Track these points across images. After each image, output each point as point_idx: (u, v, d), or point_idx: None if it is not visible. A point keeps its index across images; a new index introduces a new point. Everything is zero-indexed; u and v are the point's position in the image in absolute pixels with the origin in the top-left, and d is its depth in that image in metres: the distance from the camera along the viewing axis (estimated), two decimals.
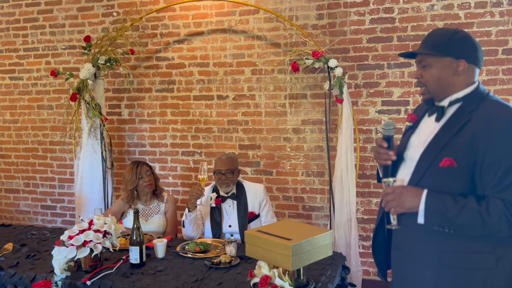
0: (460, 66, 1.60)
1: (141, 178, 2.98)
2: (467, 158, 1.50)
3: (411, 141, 1.72)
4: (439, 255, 1.56)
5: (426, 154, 1.61)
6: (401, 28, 3.35)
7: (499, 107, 1.53)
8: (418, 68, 1.68)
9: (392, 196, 1.62)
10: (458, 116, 1.58)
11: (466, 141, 1.50)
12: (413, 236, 1.63)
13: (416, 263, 1.63)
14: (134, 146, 4.11)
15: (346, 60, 3.49)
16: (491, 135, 1.46)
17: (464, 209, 1.48)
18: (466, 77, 1.62)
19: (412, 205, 1.57)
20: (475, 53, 1.62)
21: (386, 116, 3.45)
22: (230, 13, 3.71)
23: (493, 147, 1.46)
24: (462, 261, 1.53)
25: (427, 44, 1.65)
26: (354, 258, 3.21)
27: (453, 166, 1.52)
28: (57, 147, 4.30)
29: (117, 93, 4.10)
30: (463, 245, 1.53)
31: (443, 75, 1.62)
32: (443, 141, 1.57)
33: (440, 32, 1.65)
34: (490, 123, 1.48)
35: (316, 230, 2.03)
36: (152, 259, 2.44)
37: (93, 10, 4.05)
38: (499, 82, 3.20)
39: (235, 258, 2.38)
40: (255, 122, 3.75)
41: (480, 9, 3.18)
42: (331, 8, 3.49)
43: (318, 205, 3.67)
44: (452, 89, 1.62)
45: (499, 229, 1.46)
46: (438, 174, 1.55)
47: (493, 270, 1.51)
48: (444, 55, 1.61)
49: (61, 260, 2.12)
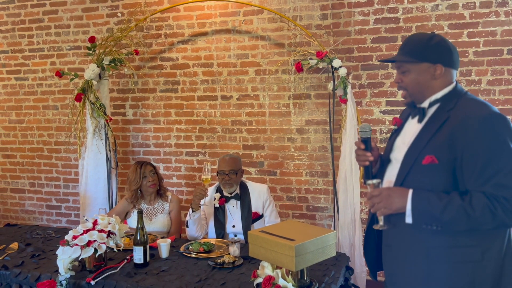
0: (437, 70, 1.67)
1: (144, 177, 2.99)
2: (447, 154, 1.56)
3: (396, 143, 1.79)
4: (427, 251, 1.62)
5: (409, 153, 1.68)
6: (406, 28, 3.34)
7: (475, 105, 1.60)
8: (398, 74, 1.75)
9: (379, 199, 1.66)
10: (437, 115, 1.66)
11: (446, 138, 1.57)
12: (402, 234, 1.69)
13: (405, 260, 1.69)
14: (138, 146, 4.12)
15: (350, 60, 3.48)
16: (468, 131, 1.53)
17: (448, 206, 1.53)
18: (444, 80, 1.68)
19: (399, 206, 1.63)
20: (450, 56, 1.68)
21: (390, 116, 3.44)
22: (234, 13, 3.71)
23: (470, 143, 1.52)
24: (449, 255, 1.58)
25: (405, 50, 1.71)
26: (358, 258, 3.20)
27: (435, 163, 1.58)
28: (62, 147, 4.32)
29: (122, 93, 4.12)
30: (450, 240, 1.58)
31: (422, 80, 1.68)
32: (425, 140, 1.63)
33: (416, 38, 1.72)
34: (466, 120, 1.55)
35: (319, 231, 2.03)
36: (156, 259, 2.45)
37: (98, 11, 4.07)
38: (505, 82, 3.18)
39: (238, 259, 2.38)
40: (259, 123, 3.75)
41: (485, 9, 3.16)
42: (335, 8, 3.48)
43: (322, 206, 3.66)
44: (430, 91, 1.69)
45: (483, 222, 1.51)
46: (422, 172, 1.62)
47: (479, 263, 1.56)
48: (421, 61, 1.67)
49: (66, 259, 2.13)
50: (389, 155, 1.81)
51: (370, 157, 1.77)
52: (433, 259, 1.61)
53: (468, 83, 3.25)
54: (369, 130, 1.79)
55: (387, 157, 1.82)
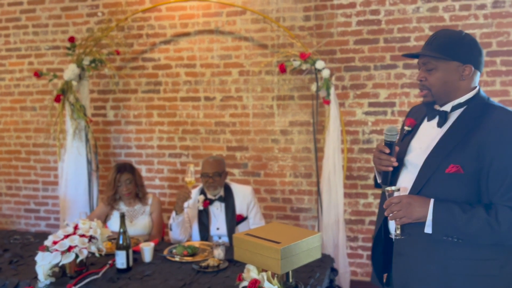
0: (466, 71, 1.57)
1: (119, 186, 2.93)
2: (474, 165, 1.49)
3: (411, 146, 1.69)
4: (444, 263, 1.55)
5: (430, 159, 1.58)
6: (387, 30, 3.37)
7: (506, 114, 1.53)
8: (422, 71, 1.63)
9: (399, 207, 1.56)
10: (462, 121, 1.57)
11: (473, 148, 1.49)
12: (418, 243, 1.60)
13: (421, 270, 1.60)
14: (119, 148, 4.06)
15: (333, 61, 3.49)
16: (500, 142, 1.46)
17: (473, 219, 1.47)
18: (470, 82, 1.59)
19: (420, 215, 1.54)
20: (480, 58, 1.60)
21: (373, 117, 3.47)
22: (217, 14, 3.69)
23: (501, 155, 1.46)
24: (468, 268, 1.53)
25: (434, 45, 1.59)
26: (342, 259, 3.22)
27: (460, 173, 1.50)
28: (40, 149, 4.22)
29: (102, 94, 4.05)
30: (469, 253, 1.52)
31: (449, 80, 1.58)
32: (449, 147, 1.55)
33: (447, 34, 1.61)
34: (498, 130, 1.48)
35: (304, 233, 2.03)
36: (139, 263, 2.41)
37: (77, 10, 3.99)
38: (483, 84, 3.24)
39: (223, 262, 2.36)
40: (243, 124, 3.74)
41: (465, 12, 3.22)
42: (318, 9, 3.49)
43: (306, 207, 3.67)
44: (456, 94, 1.60)
45: (508, 237, 1.46)
46: (444, 181, 1.53)
47: (496, 278, 1.52)
48: (452, 59, 1.56)
49: (45, 266, 2.08)
50: (403, 158, 1.69)
51: (394, 162, 1.65)
52: (452, 271, 1.54)
53: None
54: (396, 134, 1.63)
55: (401, 161, 1.70)
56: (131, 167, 3.01)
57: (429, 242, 1.56)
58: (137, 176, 3.00)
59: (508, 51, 3.16)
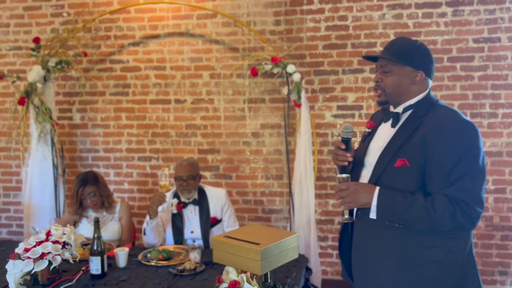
0: (417, 76, 1.73)
1: (83, 199, 2.83)
2: (418, 158, 1.63)
3: (370, 147, 1.83)
4: (394, 252, 1.68)
5: (382, 157, 1.73)
6: (355, 35, 3.48)
7: (447, 112, 1.67)
8: (379, 73, 1.77)
9: (347, 193, 1.71)
10: (410, 121, 1.72)
11: (418, 143, 1.64)
12: (370, 235, 1.74)
13: (374, 260, 1.73)
14: (86, 152, 3.96)
15: (302, 65, 3.57)
16: (439, 136, 1.60)
17: (412, 205, 1.60)
18: (420, 87, 1.75)
19: (365, 201, 1.69)
20: (431, 66, 1.76)
21: (341, 120, 3.57)
22: (187, 16, 3.68)
23: (441, 148, 1.59)
24: (415, 255, 1.65)
25: (392, 51, 1.74)
26: (314, 258, 3.29)
27: (406, 166, 1.65)
28: (1, 154, 4.05)
29: (68, 96, 3.94)
30: (415, 241, 1.65)
31: (402, 83, 1.73)
32: (398, 144, 1.69)
33: (404, 41, 1.76)
34: (438, 126, 1.62)
35: (282, 234, 2.06)
36: (113, 269, 2.37)
37: (41, 10, 3.87)
38: (445, 88, 3.41)
39: (200, 265, 2.36)
40: (214, 126, 3.74)
41: (427, 19, 3.38)
42: (288, 14, 3.56)
43: (277, 208, 3.72)
44: (407, 96, 1.75)
45: (443, 222, 1.58)
46: (393, 174, 1.68)
47: (442, 263, 1.63)
48: (406, 64, 1.72)
49: (17, 274, 2.00)
50: (363, 159, 1.84)
51: (350, 157, 1.80)
52: (400, 259, 1.67)
53: None
54: (351, 131, 1.81)
55: (361, 161, 1.85)
56: (95, 178, 2.84)
57: (380, 233, 1.71)
58: (101, 187, 2.86)
59: (467, 57, 3.35)
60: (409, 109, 1.75)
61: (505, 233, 3.39)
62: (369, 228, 1.74)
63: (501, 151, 3.36)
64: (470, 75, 3.36)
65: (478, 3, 3.30)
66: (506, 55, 3.30)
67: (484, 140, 3.38)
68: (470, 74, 3.36)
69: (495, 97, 3.34)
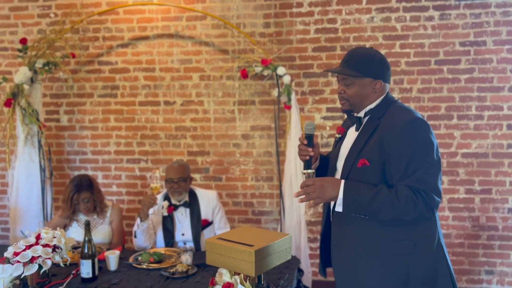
0: (377, 85, 1.84)
1: (77, 205, 2.81)
2: (378, 157, 1.74)
3: (341, 152, 1.94)
4: (366, 248, 1.78)
5: (348, 159, 1.85)
6: (344, 38, 3.52)
7: (400, 112, 1.79)
8: (341, 85, 1.88)
9: (313, 188, 1.75)
10: (369, 123, 1.84)
11: (376, 143, 1.75)
12: (346, 234, 1.84)
13: (348, 258, 1.84)
14: (74, 154, 3.91)
15: (292, 68, 3.59)
16: (394, 135, 1.72)
17: (377, 196, 1.69)
18: (380, 93, 1.87)
19: (332, 196, 1.75)
20: (388, 72, 1.88)
21: (331, 122, 3.59)
22: (176, 18, 3.67)
23: (396, 145, 1.71)
24: (385, 250, 1.76)
25: (350, 64, 1.84)
26: (304, 260, 3.30)
27: (367, 165, 1.76)
28: None
29: (56, 98, 3.89)
30: (385, 236, 1.76)
31: (363, 93, 1.85)
32: (359, 146, 1.81)
33: (361, 54, 1.86)
34: (392, 125, 1.74)
35: (275, 235, 2.07)
36: (104, 272, 2.35)
37: (28, 10, 3.81)
38: (432, 90, 3.46)
39: (191, 267, 2.36)
40: (204, 128, 3.74)
41: (415, 22, 3.43)
42: (278, 17, 3.58)
43: (268, 210, 3.72)
44: (368, 102, 1.87)
45: (406, 211, 1.67)
46: (357, 174, 1.79)
47: (412, 255, 1.74)
48: (365, 76, 1.83)
49: (6, 278, 1.97)
50: (335, 164, 1.94)
51: (310, 152, 1.88)
52: (372, 254, 1.77)
53: (400, 91, 3.50)
54: (313, 127, 1.91)
55: (334, 166, 1.94)
56: (89, 184, 2.82)
57: (354, 232, 1.80)
58: (96, 192, 2.84)
59: (454, 60, 3.41)
60: (369, 113, 1.86)
61: (491, 233, 3.46)
62: (344, 227, 1.84)
63: (487, 153, 3.42)
64: (456, 77, 3.42)
65: (464, 7, 3.37)
66: (491, 58, 3.37)
67: (470, 141, 3.44)
68: (457, 76, 3.42)
69: (481, 100, 3.41)
